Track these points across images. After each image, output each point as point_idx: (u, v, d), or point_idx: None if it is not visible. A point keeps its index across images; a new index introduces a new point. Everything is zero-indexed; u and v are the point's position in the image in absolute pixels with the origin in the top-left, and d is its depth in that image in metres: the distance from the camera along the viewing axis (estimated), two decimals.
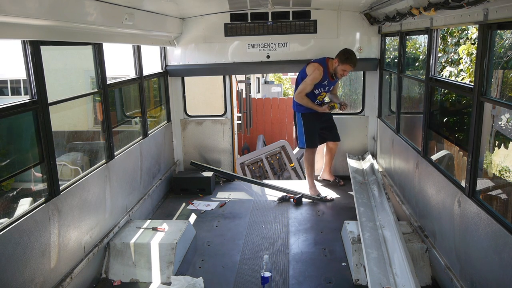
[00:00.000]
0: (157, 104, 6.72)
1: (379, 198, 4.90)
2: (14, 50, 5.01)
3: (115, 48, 6.05)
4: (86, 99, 5.00)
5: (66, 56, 4.82)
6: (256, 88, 20.61)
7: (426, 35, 4.21)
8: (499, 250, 2.67)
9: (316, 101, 5.83)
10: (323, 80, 5.64)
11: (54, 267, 3.37)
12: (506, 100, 5.27)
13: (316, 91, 5.76)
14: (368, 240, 4.00)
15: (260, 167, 9.70)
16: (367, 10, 5.77)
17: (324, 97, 5.91)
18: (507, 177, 6.01)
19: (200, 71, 6.59)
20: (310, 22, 6.21)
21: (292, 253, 4.50)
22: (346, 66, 5.45)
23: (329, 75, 5.65)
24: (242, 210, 5.71)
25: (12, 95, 18.93)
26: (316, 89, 5.74)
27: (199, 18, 6.33)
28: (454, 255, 3.39)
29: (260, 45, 6.36)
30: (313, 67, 5.61)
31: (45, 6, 3.00)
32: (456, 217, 3.33)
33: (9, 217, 3.01)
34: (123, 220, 4.68)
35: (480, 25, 2.95)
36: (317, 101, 5.85)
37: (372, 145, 6.63)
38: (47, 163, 3.33)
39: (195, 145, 6.92)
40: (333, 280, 3.98)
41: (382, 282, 3.43)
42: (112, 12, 3.99)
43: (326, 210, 5.61)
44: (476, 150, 3.06)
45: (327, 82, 5.69)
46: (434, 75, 4.11)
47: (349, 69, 5.49)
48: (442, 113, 5.29)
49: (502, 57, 5.38)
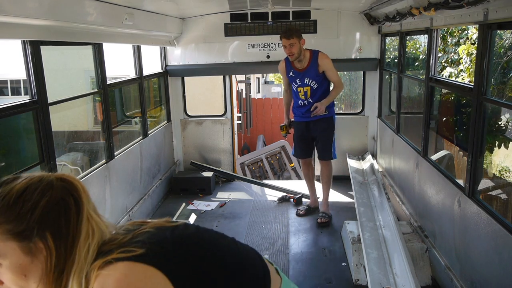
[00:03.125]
0: (157, 104, 6.73)
1: (379, 198, 4.89)
2: (14, 50, 5.01)
3: (115, 48, 6.06)
4: (86, 99, 5.01)
5: (66, 56, 4.82)
6: (256, 88, 20.60)
7: (426, 35, 4.21)
8: (499, 250, 2.67)
9: (299, 101, 5.07)
10: (287, 72, 5.04)
11: None
12: (506, 100, 5.28)
13: (293, 87, 5.09)
14: (368, 240, 4.00)
15: (260, 167, 9.71)
16: (367, 10, 5.76)
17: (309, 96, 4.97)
18: (507, 177, 6.01)
19: (200, 71, 6.58)
20: (310, 22, 6.21)
21: (292, 253, 4.50)
22: (282, 42, 4.81)
23: (293, 65, 4.96)
24: (242, 210, 5.71)
25: (12, 95, 18.92)
26: (292, 86, 5.11)
27: (199, 18, 6.32)
28: (454, 255, 3.39)
29: (260, 45, 6.36)
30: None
31: (45, 6, 3.00)
32: (456, 217, 3.33)
33: None
34: (123, 220, 4.68)
35: (480, 25, 2.95)
36: (301, 101, 5.05)
37: (372, 145, 6.63)
38: (47, 163, 3.33)
39: (195, 145, 6.92)
40: (333, 280, 3.98)
41: (382, 282, 3.43)
42: (112, 12, 3.99)
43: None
44: (476, 150, 3.06)
45: (292, 73, 4.98)
46: (434, 75, 4.11)
47: (284, 43, 4.75)
48: (442, 113, 5.30)
49: (502, 57, 5.38)
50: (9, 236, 1.04)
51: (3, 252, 1.05)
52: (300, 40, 4.76)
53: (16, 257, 1.05)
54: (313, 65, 4.89)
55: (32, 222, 1.04)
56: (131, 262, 1.05)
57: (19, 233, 1.04)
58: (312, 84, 4.93)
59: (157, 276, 1.05)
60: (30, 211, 1.04)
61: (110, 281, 1.02)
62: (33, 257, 1.06)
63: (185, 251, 1.16)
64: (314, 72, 4.89)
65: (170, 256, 1.12)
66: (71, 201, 1.10)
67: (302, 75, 4.95)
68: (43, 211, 1.05)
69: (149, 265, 1.05)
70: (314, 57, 4.89)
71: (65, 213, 1.08)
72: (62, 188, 1.10)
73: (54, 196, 1.08)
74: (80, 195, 1.12)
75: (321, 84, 4.96)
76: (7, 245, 1.04)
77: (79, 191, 1.13)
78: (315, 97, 4.97)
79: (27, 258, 1.05)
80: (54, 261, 1.06)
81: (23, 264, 1.06)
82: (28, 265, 1.06)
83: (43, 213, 1.05)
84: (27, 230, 1.04)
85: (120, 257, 1.05)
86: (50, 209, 1.06)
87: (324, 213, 5.24)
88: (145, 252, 1.07)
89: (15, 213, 1.04)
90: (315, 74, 4.89)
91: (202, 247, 1.22)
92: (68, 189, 1.11)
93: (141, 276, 1.04)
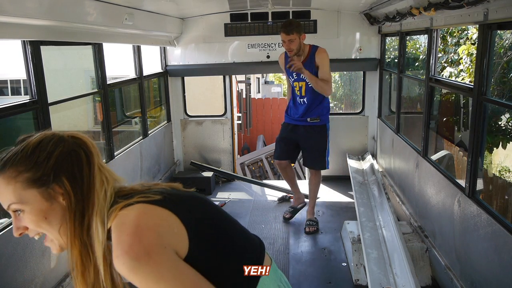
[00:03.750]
0: (157, 104, 6.73)
1: (379, 198, 4.89)
2: (14, 50, 5.02)
3: (115, 48, 6.06)
4: (86, 99, 5.00)
5: (66, 56, 4.82)
6: (256, 88, 20.61)
7: (426, 35, 4.21)
8: (499, 250, 2.67)
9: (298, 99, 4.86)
10: (286, 65, 4.81)
11: (54, 267, 3.36)
12: (506, 100, 5.28)
13: (291, 82, 4.91)
14: (368, 240, 4.00)
15: (260, 167, 9.71)
16: (367, 10, 5.76)
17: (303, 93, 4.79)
18: (507, 177, 6.02)
19: (200, 71, 6.59)
20: (310, 22, 6.21)
21: (292, 253, 4.50)
22: (281, 36, 4.61)
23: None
24: (242, 210, 5.71)
25: (12, 95, 18.93)
26: (290, 80, 4.92)
27: (199, 18, 6.32)
28: (454, 255, 3.39)
29: (260, 45, 6.36)
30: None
31: (45, 6, 3.00)
32: (456, 217, 3.33)
33: (9, 217, 3.01)
34: None
35: (480, 25, 2.95)
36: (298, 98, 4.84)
37: (372, 145, 6.63)
38: None
39: (195, 145, 6.92)
40: (333, 280, 3.98)
41: (382, 282, 3.43)
42: (112, 12, 3.99)
43: (326, 210, 5.61)
44: (476, 150, 3.06)
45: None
46: (434, 75, 4.11)
47: (283, 38, 4.56)
48: (442, 113, 5.30)
49: (502, 57, 5.39)
50: (29, 184, 1.18)
51: (25, 199, 1.18)
52: (300, 36, 4.57)
53: (37, 203, 1.18)
54: (311, 60, 4.70)
55: (48, 169, 1.18)
56: (150, 204, 1.17)
57: (37, 179, 1.18)
58: (307, 80, 4.70)
59: (174, 218, 1.17)
60: (46, 160, 1.19)
61: (131, 216, 1.14)
62: (52, 201, 1.19)
63: (198, 206, 1.30)
64: (311, 67, 4.67)
65: (186, 206, 1.24)
66: (82, 153, 1.23)
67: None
68: (57, 159, 1.20)
69: (167, 209, 1.17)
70: (313, 52, 4.71)
71: (77, 162, 1.22)
72: (73, 142, 1.24)
73: (66, 147, 1.22)
74: (90, 149, 1.25)
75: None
76: (28, 193, 1.18)
77: (89, 146, 1.26)
78: (308, 97, 4.78)
79: (47, 203, 1.19)
80: (73, 203, 1.19)
81: (44, 208, 1.19)
82: (48, 208, 1.19)
83: (57, 161, 1.19)
84: (44, 176, 1.18)
85: (140, 200, 1.18)
86: (63, 158, 1.20)
87: (311, 220, 5.04)
88: (162, 198, 1.20)
89: (32, 162, 1.18)
90: (312, 70, 4.68)
91: (213, 208, 1.35)
92: (78, 143, 1.25)
93: (160, 214, 1.16)
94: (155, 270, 1.08)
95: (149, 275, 1.08)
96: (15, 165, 1.18)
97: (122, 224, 1.13)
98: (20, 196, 1.17)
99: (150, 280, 1.08)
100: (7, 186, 1.18)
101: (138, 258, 1.08)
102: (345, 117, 6.68)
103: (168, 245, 1.13)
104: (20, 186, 1.17)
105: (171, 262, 1.11)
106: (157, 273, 1.08)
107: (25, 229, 1.22)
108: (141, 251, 1.08)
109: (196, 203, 1.30)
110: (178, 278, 1.10)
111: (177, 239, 1.16)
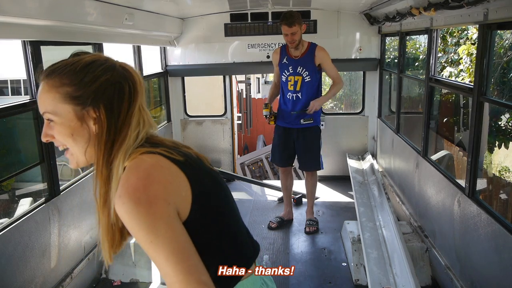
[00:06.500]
0: (157, 104, 6.73)
1: (379, 198, 4.90)
2: (14, 50, 5.01)
3: (115, 48, 6.06)
4: None
5: (66, 56, 4.81)
6: (256, 88, 20.62)
7: (426, 35, 4.21)
8: (499, 250, 2.67)
9: (288, 94, 4.68)
10: (281, 59, 4.68)
11: (54, 267, 3.37)
12: (506, 100, 5.28)
13: (283, 77, 4.69)
14: (368, 240, 4.00)
15: (260, 167, 9.71)
16: (367, 10, 5.77)
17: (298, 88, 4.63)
18: (507, 177, 6.02)
19: (200, 71, 6.59)
20: (310, 22, 6.21)
21: (292, 253, 4.50)
22: (282, 29, 4.50)
23: (288, 52, 4.67)
24: (242, 210, 5.69)
25: (12, 95, 18.94)
26: (282, 75, 4.71)
27: (199, 18, 6.33)
28: (454, 255, 3.39)
29: (260, 45, 6.36)
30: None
31: (45, 6, 3.00)
32: (456, 217, 3.33)
33: (9, 217, 3.01)
34: None
35: (480, 25, 2.95)
36: (290, 93, 4.67)
37: (372, 145, 6.63)
38: (47, 163, 3.33)
39: (195, 145, 6.89)
40: (333, 280, 3.98)
41: (382, 282, 3.43)
42: (112, 12, 3.99)
43: (326, 210, 5.61)
44: (476, 150, 3.06)
45: (286, 59, 4.65)
46: (434, 75, 4.11)
47: (285, 30, 4.45)
48: (442, 113, 5.30)
49: (502, 57, 5.39)
50: (67, 99, 1.21)
51: (59, 112, 1.21)
52: (301, 27, 4.50)
53: (69, 119, 1.22)
54: (310, 55, 4.62)
55: (90, 91, 1.20)
56: (170, 160, 1.20)
57: (76, 97, 1.21)
58: (304, 75, 4.59)
59: (186, 183, 1.19)
60: (90, 82, 1.20)
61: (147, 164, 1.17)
62: (83, 122, 1.22)
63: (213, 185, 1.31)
64: (309, 62, 4.59)
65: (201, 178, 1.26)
66: (127, 87, 1.24)
67: (296, 62, 4.63)
68: (101, 85, 1.21)
69: (183, 171, 1.20)
70: (312, 47, 4.66)
71: (118, 94, 1.23)
72: (122, 74, 1.25)
73: (113, 76, 1.23)
74: (136, 86, 1.27)
75: (312, 77, 4.61)
76: (64, 106, 1.21)
77: (136, 82, 1.28)
78: (303, 92, 4.63)
79: (78, 122, 1.22)
80: (105, 133, 1.22)
81: (73, 125, 1.22)
82: (78, 127, 1.23)
83: (100, 87, 1.21)
84: (83, 96, 1.21)
85: (162, 153, 1.20)
86: (107, 86, 1.22)
87: (311, 220, 5.03)
88: (183, 161, 1.22)
89: (78, 79, 1.20)
90: (310, 64, 4.61)
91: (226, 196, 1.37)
92: (126, 76, 1.26)
93: (174, 172, 1.19)
94: (151, 221, 1.09)
95: (143, 224, 1.09)
96: (61, 76, 1.21)
97: (136, 167, 1.16)
98: (55, 107, 1.21)
99: (143, 228, 1.09)
100: (48, 94, 1.21)
101: (139, 203, 1.10)
102: (345, 117, 6.68)
103: (172, 204, 1.14)
104: (58, 98, 1.20)
105: (169, 219, 1.12)
106: (151, 224, 1.09)
107: (52, 137, 1.26)
108: (143, 198, 1.10)
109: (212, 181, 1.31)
110: (170, 236, 1.10)
111: (182, 203, 1.17)
